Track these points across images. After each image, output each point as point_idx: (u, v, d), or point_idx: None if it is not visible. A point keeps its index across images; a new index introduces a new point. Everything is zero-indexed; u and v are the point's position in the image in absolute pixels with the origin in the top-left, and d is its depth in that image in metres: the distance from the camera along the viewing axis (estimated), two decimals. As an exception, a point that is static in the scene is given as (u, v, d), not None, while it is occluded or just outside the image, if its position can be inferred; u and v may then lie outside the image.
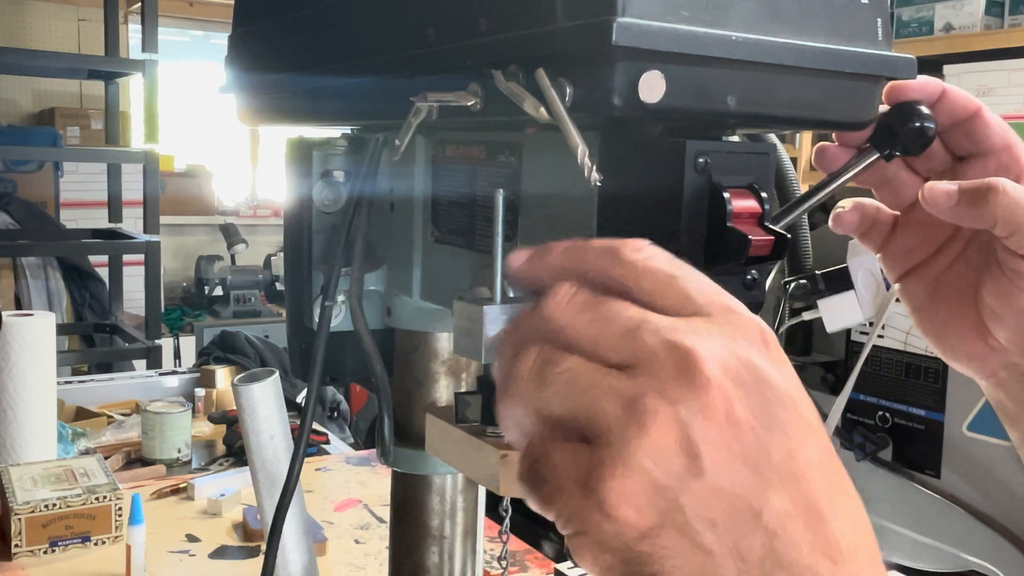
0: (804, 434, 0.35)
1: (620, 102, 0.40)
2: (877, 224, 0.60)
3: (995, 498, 0.89)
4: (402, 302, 0.68)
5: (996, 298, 0.54)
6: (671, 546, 0.33)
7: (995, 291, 0.54)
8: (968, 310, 0.56)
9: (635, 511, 0.33)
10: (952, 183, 0.52)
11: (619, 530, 0.33)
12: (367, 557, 1.45)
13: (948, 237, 0.58)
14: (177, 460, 1.89)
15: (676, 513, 0.33)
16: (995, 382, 0.57)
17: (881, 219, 0.59)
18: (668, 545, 0.33)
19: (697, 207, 0.42)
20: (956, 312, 0.57)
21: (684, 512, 0.33)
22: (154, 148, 3.67)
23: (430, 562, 0.72)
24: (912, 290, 0.59)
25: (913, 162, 0.58)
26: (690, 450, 0.33)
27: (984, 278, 0.55)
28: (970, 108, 0.55)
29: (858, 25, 0.46)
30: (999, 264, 0.54)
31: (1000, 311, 0.54)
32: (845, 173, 0.54)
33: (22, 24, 4.97)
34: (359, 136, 0.68)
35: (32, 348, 1.66)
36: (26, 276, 4.03)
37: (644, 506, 0.33)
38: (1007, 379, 0.57)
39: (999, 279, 0.54)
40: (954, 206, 0.52)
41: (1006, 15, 2.97)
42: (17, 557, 1.38)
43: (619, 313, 0.35)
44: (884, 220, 0.59)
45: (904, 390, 0.97)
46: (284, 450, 0.80)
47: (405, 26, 0.51)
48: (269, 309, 5.12)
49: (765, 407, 0.34)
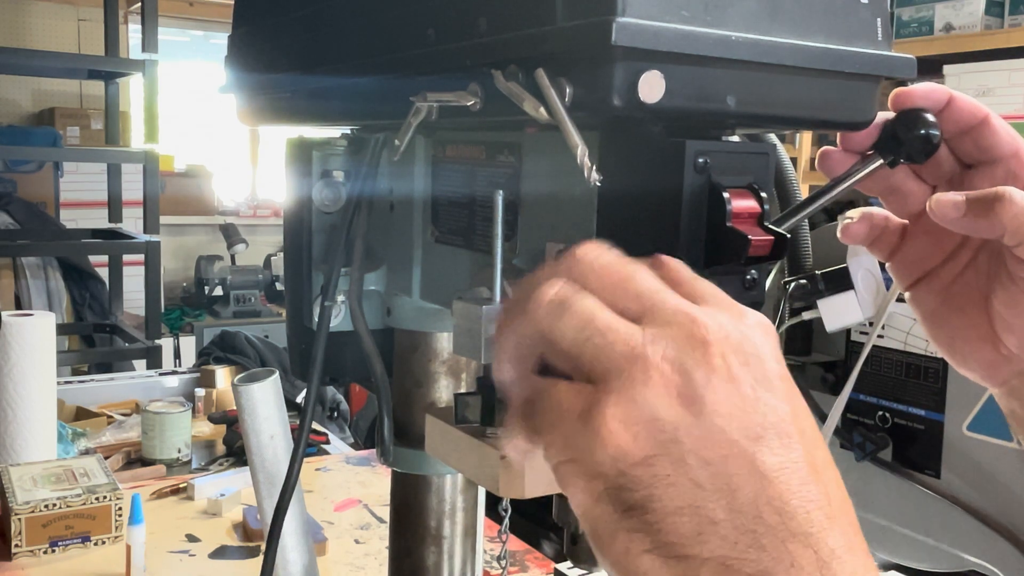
0: (799, 406, 0.37)
1: (620, 102, 0.40)
2: (886, 233, 0.59)
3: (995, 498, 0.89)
4: (402, 302, 0.68)
5: (1006, 307, 0.54)
6: (664, 475, 0.35)
7: (1005, 299, 0.54)
8: (979, 318, 0.56)
9: (632, 439, 0.35)
10: (959, 194, 0.51)
11: (613, 456, 0.35)
12: (367, 557, 1.45)
13: (958, 245, 0.57)
14: (177, 460, 1.89)
15: (672, 445, 0.35)
16: (1007, 390, 0.57)
17: (890, 228, 0.59)
18: (661, 474, 0.35)
19: (697, 207, 0.42)
20: (967, 320, 0.56)
21: (681, 445, 0.35)
22: (154, 148, 3.67)
23: (430, 562, 0.72)
24: (922, 299, 0.59)
25: (920, 170, 0.57)
26: (691, 395, 0.35)
27: (994, 286, 0.55)
28: (977, 115, 0.54)
29: (858, 25, 0.46)
30: (1009, 273, 0.53)
31: (1010, 319, 0.54)
32: (849, 179, 0.54)
33: (22, 24, 4.97)
34: (359, 136, 0.68)
35: (32, 348, 1.66)
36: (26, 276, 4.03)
37: (641, 435, 0.35)
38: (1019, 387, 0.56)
39: (1009, 288, 0.53)
40: (961, 217, 0.51)
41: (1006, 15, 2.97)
42: (17, 557, 1.38)
43: (643, 275, 0.38)
44: (893, 229, 0.59)
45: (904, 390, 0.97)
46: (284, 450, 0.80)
47: (405, 26, 0.51)
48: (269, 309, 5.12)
49: (763, 375, 0.36)
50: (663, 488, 0.35)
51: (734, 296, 0.39)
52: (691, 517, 0.34)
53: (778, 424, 0.35)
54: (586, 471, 0.36)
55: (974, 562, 0.91)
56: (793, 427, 0.36)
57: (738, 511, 0.34)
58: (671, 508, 0.34)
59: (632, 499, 0.35)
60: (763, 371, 0.36)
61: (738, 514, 0.34)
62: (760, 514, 0.34)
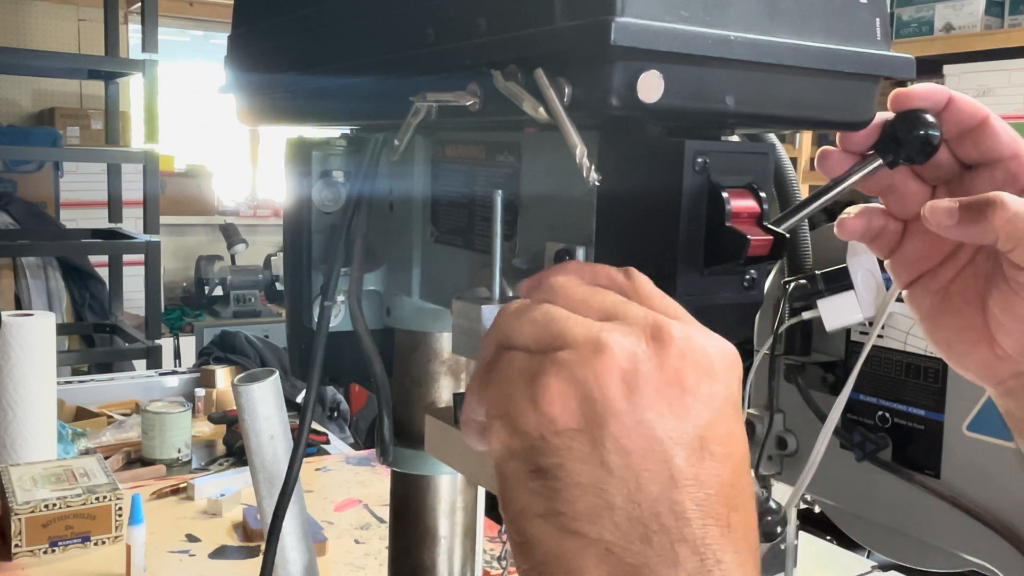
0: (737, 433, 0.38)
1: (619, 102, 0.40)
2: (885, 232, 0.59)
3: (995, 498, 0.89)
4: (401, 302, 0.68)
5: (1002, 309, 0.54)
6: (577, 450, 0.36)
7: (1001, 302, 0.54)
8: (975, 319, 0.56)
9: (562, 408, 0.36)
10: (953, 200, 0.51)
11: (539, 420, 0.36)
12: (367, 557, 1.45)
13: (956, 246, 0.57)
14: (177, 460, 1.89)
15: (596, 426, 0.36)
16: (1003, 390, 0.57)
17: (889, 227, 0.59)
18: (577, 448, 0.36)
19: (696, 207, 0.42)
20: (963, 321, 0.56)
21: (604, 428, 0.36)
22: (154, 148, 3.67)
23: (430, 562, 0.72)
24: (919, 298, 0.59)
25: (920, 171, 0.57)
26: (633, 384, 0.36)
27: (991, 288, 0.54)
28: (977, 116, 0.54)
29: (857, 25, 0.46)
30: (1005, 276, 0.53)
31: (1006, 321, 0.54)
32: (848, 179, 0.54)
33: (22, 24, 4.97)
34: (359, 136, 0.68)
35: (32, 348, 1.66)
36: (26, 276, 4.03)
37: (572, 408, 0.36)
38: (1015, 388, 0.56)
39: (1005, 290, 0.53)
40: (955, 224, 0.51)
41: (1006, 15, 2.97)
42: (17, 557, 1.38)
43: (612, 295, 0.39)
44: (892, 228, 0.59)
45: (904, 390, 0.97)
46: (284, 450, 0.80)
47: (405, 26, 0.51)
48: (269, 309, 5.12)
49: (711, 392, 0.37)
50: (574, 462, 0.36)
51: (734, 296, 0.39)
52: (592, 496, 0.36)
53: (707, 440, 0.36)
54: (512, 427, 0.37)
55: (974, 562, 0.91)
56: (721, 448, 0.37)
57: (638, 504, 0.35)
58: (575, 482, 0.36)
59: (543, 463, 0.36)
60: (712, 388, 0.37)
61: (637, 506, 0.35)
62: (658, 513, 0.35)
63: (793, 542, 0.98)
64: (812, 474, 0.90)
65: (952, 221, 0.51)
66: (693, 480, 0.36)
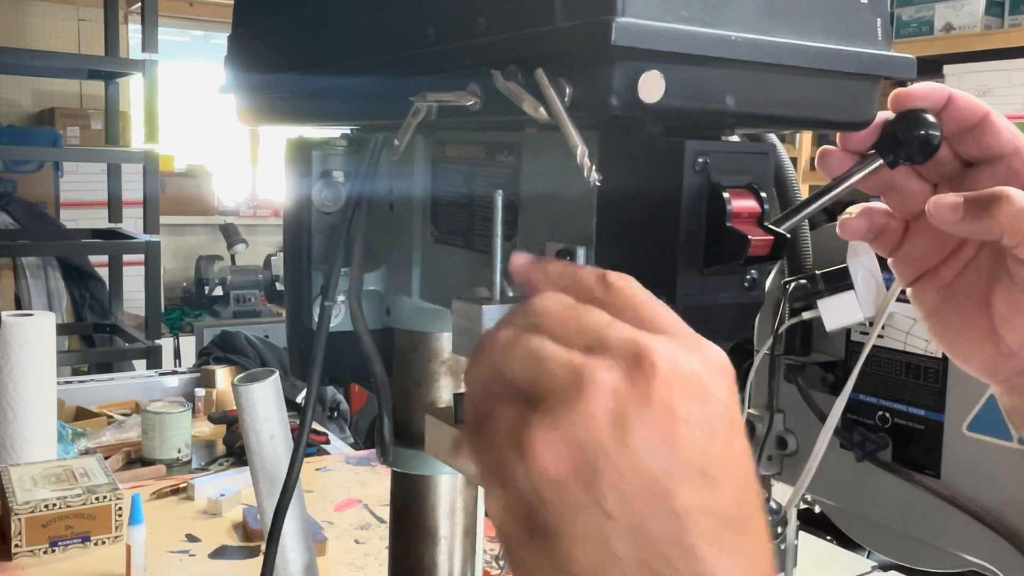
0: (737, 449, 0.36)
1: (619, 102, 0.40)
2: (887, 230, 0.58)
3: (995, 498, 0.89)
4: (401, 302, 0.68)
5: (1007, 305, 0.53)
6: (573, 499, 0.34)
7: (1006, 298, 0.53)
8: (980, 316, 0.55)
9: (552, 458, 0.34)
10: (957, 195, 0.51)
11: (529, 472, 0.34)
12: (367, 557, 1.45)
13: (959, 243, 0.57)
14: (177, 460, 1.89)
15: (590, 472, 0.34)
16: (1008, 388, 0.57)
17: (891, 225, 0.58)
18: (570, 498, 0.34)
19: (696, 207, 0.42)
20: (968, 318, 0.56)
21: (599, 475, 0.34)
22: (154, 148, 3.67)
23: (430, 562, 0.72)
24: (923, 296, 0.59)
25: (921, 169, 0.57)
26: (621, 423, 0.34)
27: (995, 285, 0.54)
28: (977, 114, 0.54)
29: (857, 25, 0.46)
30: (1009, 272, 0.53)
31: (1011, 318, 0.53)
32: (849, 178, 0.53)
33: (22, 24, 4.97)
34: (359, 136, 0.68)
35: (32, 348, 1.66)
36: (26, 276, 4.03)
37: (562, 456, 0.34)
38: (1020, 385, 0.56)
39: (1009, 287, 0.53)
40: (960, 220, 0.50)
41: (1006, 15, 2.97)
42: (17, 557, 1.38)
43: (594, 314, 0.38)
44: (894, 226, 0.58)
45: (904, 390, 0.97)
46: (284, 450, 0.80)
47: (405, 26, 0.51)
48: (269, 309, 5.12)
49: (704, 414, 0.35)
50: (572, 512, 0.34)
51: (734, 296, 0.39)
52: (596, 548, 0.34)
53: (706, 466, 0.35)
54: (503, 483, 0.36)
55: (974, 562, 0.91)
56: (722, 472, 0.35)
57: (644, 547, 0.34)
58: (576, 534, 0.34)
59: (541, 519, 0.35)
60: (705, 410, 0.35)
61: (644, 550, 0.34)
62: (666, 555, 0.34)
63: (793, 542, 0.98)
64: (812, 474, 0.90)
65: (957, 216, 0.51)
66: (697, 512, 0.34)
